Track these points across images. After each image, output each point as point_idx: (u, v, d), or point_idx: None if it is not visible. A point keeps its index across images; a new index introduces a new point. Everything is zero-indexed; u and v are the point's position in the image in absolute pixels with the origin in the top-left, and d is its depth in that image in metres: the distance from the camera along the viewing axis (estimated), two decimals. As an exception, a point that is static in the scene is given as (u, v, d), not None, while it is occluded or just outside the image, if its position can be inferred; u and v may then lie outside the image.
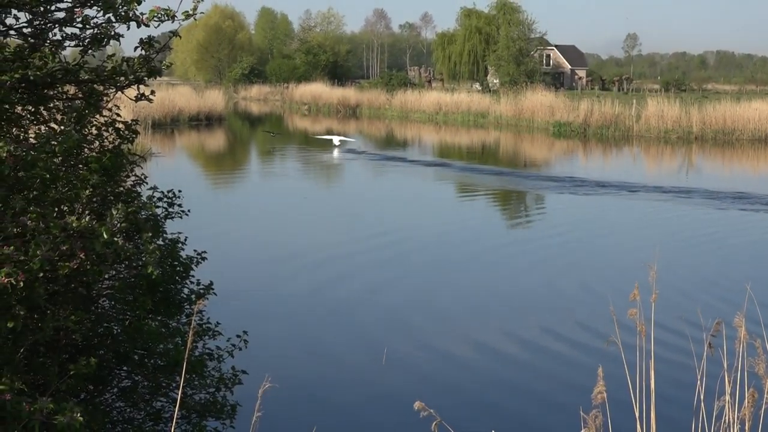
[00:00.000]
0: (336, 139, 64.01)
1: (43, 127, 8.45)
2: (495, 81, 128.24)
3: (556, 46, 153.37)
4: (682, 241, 31.03)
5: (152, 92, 8.49)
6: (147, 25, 7.53)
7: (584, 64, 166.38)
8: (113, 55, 8.31)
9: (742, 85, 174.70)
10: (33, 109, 8.39)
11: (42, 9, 7.65)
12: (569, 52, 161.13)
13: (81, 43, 7.82)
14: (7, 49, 7.70)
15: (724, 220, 35.74)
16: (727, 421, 6.93)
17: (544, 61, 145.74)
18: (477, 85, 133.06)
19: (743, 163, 63.42)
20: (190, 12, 7.60)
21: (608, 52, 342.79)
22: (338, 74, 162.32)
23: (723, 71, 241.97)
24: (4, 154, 6.58)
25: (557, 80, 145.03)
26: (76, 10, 7.54)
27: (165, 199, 10.16)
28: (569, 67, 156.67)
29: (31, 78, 7.60)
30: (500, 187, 47.12)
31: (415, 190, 46.95)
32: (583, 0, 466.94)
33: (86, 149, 8.74)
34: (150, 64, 8.11)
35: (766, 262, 26.29)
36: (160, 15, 7.44)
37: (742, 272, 24.85)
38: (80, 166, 8.54)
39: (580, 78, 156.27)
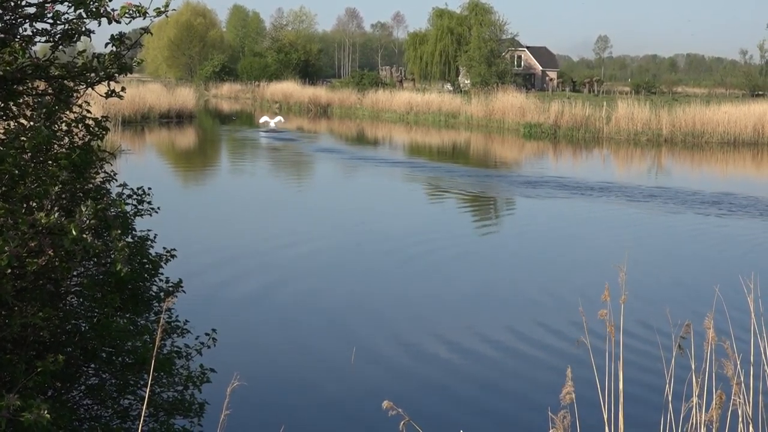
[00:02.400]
0: (271, 122, 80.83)
1: (12, 123, 8.38)
2: (466, 81, 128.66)
3: (527, 47, 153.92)
4: (651, 243, 31.17)
5: (123, 89, 8.43)
6: (118, 22, 7.49)
7: (555, 66, 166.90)
8: (84, 51, 8.26)
9: (712, 88, 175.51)
10: (2, 105, 8.32)
11: (12, 4, 7.59)
12: (540, 53, 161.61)
13: (51, 39, 7.77)
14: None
15: (693, 222, 35.90)
16: (694, 423, 6.96)
17: (516, 63, 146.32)
18: (448, 86, 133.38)
19: (712, 166, 63.78)
20: (162, 9, 7.56)
21: (579, 53, 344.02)
22: (309, 73, 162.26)
23: (693, 74, 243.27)
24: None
25: (528, 81, 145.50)
26: (47, 5, 7.49)
27: (134, 197, 10.11)
28: (540, 68, 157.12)
29: (1, 73, 7.56)
30: (469, 188, 47.13)
31: (385, 190, 47.04)
32: (555, 1, 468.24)
33: (56, 145, 8.69)
34: (121, 61, 8.06)
35: (734, 264, 26.40)
36: (131, 11, 7.40)
37: (711, 274, 25.00)
38: (49, 162, 8.48)
39: (551, 79, 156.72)
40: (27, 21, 7.69)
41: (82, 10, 7.42)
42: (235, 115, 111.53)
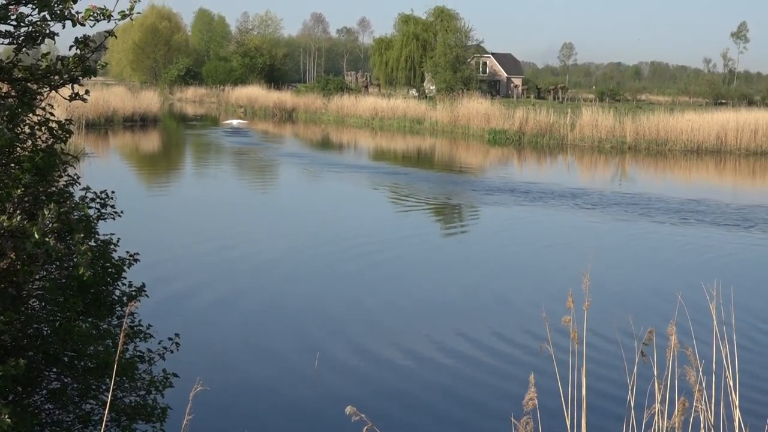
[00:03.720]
0: (234, 122, 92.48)
1: (-26, 125, 8.33)
2: (431, 87, 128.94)
3: (492, 53, 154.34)
4: (614, 251, 31.30)
5: (87, 92, 8.38)
6: (83, 24, 7.45)
7: (520, 73, 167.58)
8: (48, 53, 8.22)
9: (676, 96, 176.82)
10: (-35, 107, 8.27)
11: (-25, 6, 7.54)
12: (506, 60, 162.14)
13: (15, 41, 7.72)
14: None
15: (656, 229, 36.06)
16: (656, 429, 6.98)
17: (481, 69, 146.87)
18: (413, 91, 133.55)
19: (675, 173, 64.12)
20: (127, 12, 7.53)
21: (544, 61, 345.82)
22: (275, 78, 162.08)
23: (657, 82, 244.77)
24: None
25: (493, 88, 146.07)
26: (10, 7, 7.44)
27: (98, 200, 10.04)
28: (505, 75, 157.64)
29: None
30: (432, 194, 47.13)
31: (349, 196, 47.00)
32: (520, 8, 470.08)
33: (19, 148, 8.63)
34: (85, 64, 8.02)
35: (697, 272, 26.58)
36: (96, 14, 7.37)
37: (674, 281, 25.11)
38: (12, 165, 8.43)
39: (516, 86, 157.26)
40: (-10, 23, 7.64)
41: (46, 12, 7.38)
42: (200, 117, 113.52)
